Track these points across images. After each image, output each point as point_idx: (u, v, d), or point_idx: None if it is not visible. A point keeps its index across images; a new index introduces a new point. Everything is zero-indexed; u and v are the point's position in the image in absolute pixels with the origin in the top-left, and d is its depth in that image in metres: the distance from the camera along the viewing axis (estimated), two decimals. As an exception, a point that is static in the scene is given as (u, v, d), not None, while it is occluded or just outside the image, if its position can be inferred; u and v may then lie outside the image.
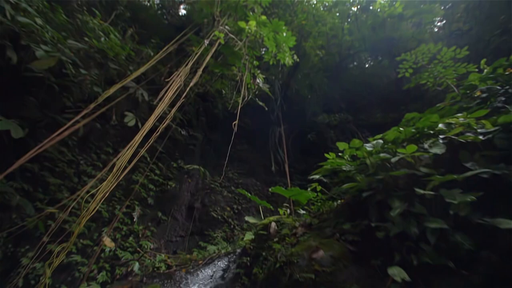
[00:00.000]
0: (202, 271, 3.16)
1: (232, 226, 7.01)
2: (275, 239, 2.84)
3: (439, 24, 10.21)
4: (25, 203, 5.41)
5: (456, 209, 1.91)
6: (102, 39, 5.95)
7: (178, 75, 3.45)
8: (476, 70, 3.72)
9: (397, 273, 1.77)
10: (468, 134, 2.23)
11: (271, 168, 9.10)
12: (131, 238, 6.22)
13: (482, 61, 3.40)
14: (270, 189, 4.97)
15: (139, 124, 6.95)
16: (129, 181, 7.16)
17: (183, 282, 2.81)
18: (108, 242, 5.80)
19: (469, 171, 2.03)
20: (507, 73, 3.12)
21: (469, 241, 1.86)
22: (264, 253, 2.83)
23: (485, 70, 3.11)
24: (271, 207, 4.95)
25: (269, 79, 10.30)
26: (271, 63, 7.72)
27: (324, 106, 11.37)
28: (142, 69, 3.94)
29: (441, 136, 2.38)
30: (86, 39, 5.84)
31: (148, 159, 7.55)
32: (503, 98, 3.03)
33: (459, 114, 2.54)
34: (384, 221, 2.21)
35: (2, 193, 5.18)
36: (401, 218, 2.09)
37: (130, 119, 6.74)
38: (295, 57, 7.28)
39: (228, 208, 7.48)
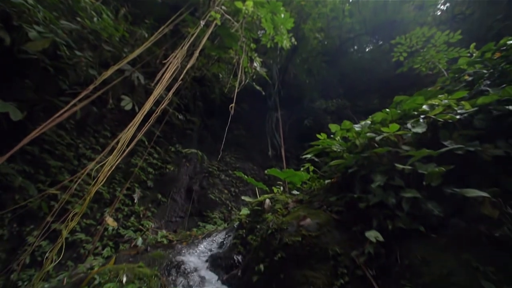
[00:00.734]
0: (202, 242, 3.49)
1: (229, 208, 7.39)
2: (269, 213, 3.13)
3: (442, 7, 10.05)
4: (28, 185, 5.64)
5: (429, 180, 2.17)
6: (95, 19, 5.86)
7: (175, 57, 3.53)
8: (468, 54, 3.85)
9: (373, 235, 2.06)
10: (446, 113, 2.43)
11: (268, 153, 9.36)
12: (132, 218, 6.57)
13: (472, 45, 3.51)
14: (266, 171, 5.24)
15: (136, 108, 7.03)
16: (128, 164, 7.38)
17: (184, 251, 3.12)
18: (110, 221, 6.12)
19: (445, 148, 2.27)
20: (495, 57, 3.27)
21: (439, 208, 2.14)
22: (258, 226, 3.13)
23: (474, 55, 3.24)
24: (267, 189, 5.25)
25: (267, 63, 10.24)
26: (268, 46, 7.67)
27: (322, 92, 11.43)
28: (138, 51, 3.99)
29: (422, 116, 2.59)
30: (78, 19, 5.74)
31: (146, 143, 7.72)
32: (488, 82, 3.22)
33: (440, 96, 2.74)
34: (367, 194, 2.48)
35: (4, 175, 5.38)
36: (381, 190, 2.36)
37: (126, 103, 6.81)
38: (293, 40, 7.25)
39: (226, 191, 7.82)
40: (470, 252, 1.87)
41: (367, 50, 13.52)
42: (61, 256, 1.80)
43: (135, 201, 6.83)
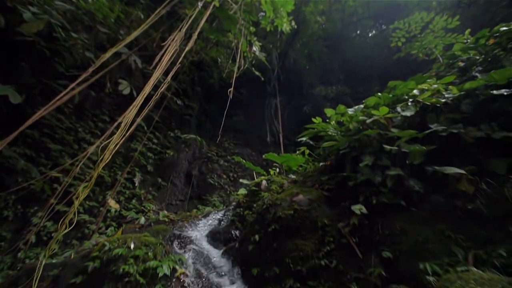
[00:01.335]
0: (202, 220, 3.75)
1: (228, 192, 7.69)
2: (265, 192, 3.36)
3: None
4: (30, 167, 5.84)
5: (412, 159, 2.36)
6: (89, -1, 5.77)
7: (173, 39, 3.57)
8: (465, 41, 3.90)
9: (357, 208, 2.29)
10: (433, 97, 2.58)
11: (267, 139, 9.54)
12: (134, 201, 6.86)
13: (467, 32, 3.55)
14: (264, 156, 5.44)
15: (134, 93, 7.09)
16: (128, 149, 7.57)
17: (185, 227, 3.38)
18: (113, 203, 6.40)
19: (430, 130, 2.44)
20: (489, 44, 3.35)
21: (420, 185, 2.35)
22: (255, 204, 3.37)
23: (468, 41, 3.32)
24: (265, 173, 5.48)
25: (267, 48, 10.12)
26: (268, 29, 7.57)
27: (322, 78, 11.39)
28: (135, 33, 3.99)
29: (410, 99, 2.73)
30: (73, -1, 5.65)
31: (145, 128, 7.86)
32: (480, 68, 3.33)
33: (429, 80, 2.86)
34: (356, 173, 2.68)
35: (6, 158, 5.56)
36: (369, 169, 2.55)
37: (124, 87, 6.85)
38: (293, 23, 7.16)
39: (225, 176, 8.09)
40: (445, 223, 2.10)
41: (370, 35, 13.30)
42: (74, 224, 2.01)
43: (136, 185, 7.09)
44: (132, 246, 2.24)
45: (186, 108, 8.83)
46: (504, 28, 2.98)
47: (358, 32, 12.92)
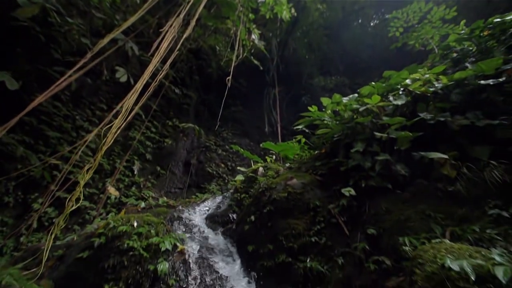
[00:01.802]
0: (200, 205, 3.94)
1: (226, 181, 7.88)
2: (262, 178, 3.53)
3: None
4: (29, 154, 5.95)
5: (400, 145, 2.52)
6: (84, -18, 5.68)
7: (171, 25, 3.60)
8: (462, 32, 3.97)
9: (347, 190, 2.46)
10: (423, 86, 2.70)
11: (265, 129, 9.66)
12: (133, 188, 7.04)
13: (462, 23, 3.61)
14: (261, 145, 5.58)
15: (131, 80, 7.11)
16: (126, 137, 7.66)
17: (184, 211, 3.57)
18: (112, 191, 6.57)
19: (418, 118, 2.59)
20: (484, 35, 3.44)
21: (406, 169, 2.52)
22: (252, 190, 3.55)
23: (463, 32, 3.40)
24: (262, 161, 5.65)
25: (266, 36, 10.04)
26: (268, 17, 7.51)
27: (321, 68, 11.38)
28: (132, 19, 4.00)
29: (401, 89, 2.86)
30: (67, -18, 5.57)
31: (143, 116, 7.92)
32: (473, 59, 3.44)
33: (420, 70, 2.97)
34: (348, 159, 2.84)
35: (5, 145, 5.65)
36: (359, 155, 2.71)
37: (121, 75, 6.86)
38: (293, 11, 7.11)
39: (223, 165, 8.26)
40: (426, 203, 2.28)
41: (371, 24, 13.14)
42: (80, 201, 2.17)
43: (135, 173, 7.25)
44: (135, 224, 2.41)
45: (184, 97, 8.86)
46: (498, 20, 3.07)
47: (360, 21, 12.76)
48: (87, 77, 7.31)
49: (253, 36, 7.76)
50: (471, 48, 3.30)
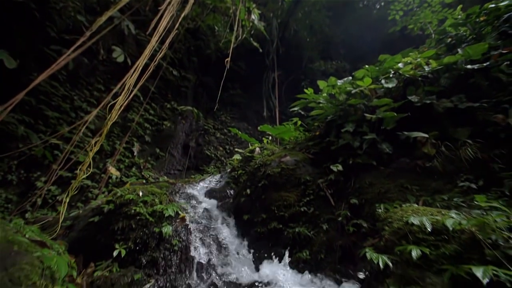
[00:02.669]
0: (200, 183, 4.24)
1: (224, 164, 8.18)
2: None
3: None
4: (30, 133, 6.16)
5: (386, 125, 2.75)
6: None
7: (170, 3, 3.65)
8: (459, 16, 4.04)
9: (335, 166, 2.73)
10: (413, 70, 2.88)
11: (263, 114, 9.82)
12: (134, 169, 7.34)
13: (458, 8, 3.69)
14: (259, 128, 5.80)
15: (128, 61, 7.15)
16: (125, 119, 7.83)
17: (184, 188, 3.86)
18: (113, 171, 6.86)
19: (405, 100, 2.79)
20: (480, 20, 3.55)
21: (391, 148, 2.77)
22: (248, 167, 3.82)
23: (459, 17, 3.49)
24: (259, 143, 5.89)
25: (266, 16, 9.88)
26: (268, -4, 7.39)
27: (322, 52, 11.31)
28: (130, -4, 4.02)
29: (392, 72, 3.03)
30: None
31: (141, 98, 8.03)
32: (467, 45, 3.57)
33: (411, 54, 3.13)
34: (339, 139, 3.08)
35: (5, 124, 5.83)
36: (349, 135, 2.95)
37: (118, 54, 6.90)
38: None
39: (221, 148, 8.52)
40: (405, 178, 2.56)
41: (377, 6, 12.82)
42: (90, 171, 2.42)
43: (134, 154, 7.50)
44: (140, 194, 2.69)
45: (182, 80, 8.91)
46: (492, 6, 3.17)
47: (365, 2, 12.45)
48: (84, 56, 7.33)
49: (252, 16, 7.69)
50: (465, 34, 3.43)
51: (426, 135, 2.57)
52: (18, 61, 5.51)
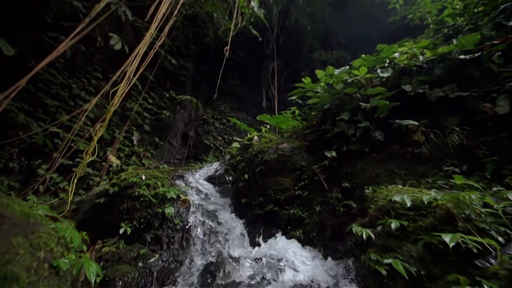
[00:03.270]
0: (199, 171, 4.41)
1: (223, 153, 8.35)
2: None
3: None
4: (30, 121, 6.27)
5: (379, 113, 2.89)
6: None
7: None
8: (457, 6, 4.08)
9: (329, 152, 2.89)
10: (410, 60, 2.99)
11: (262, 104, 9.89)
12: (134, 157, 7.50)
13: None
14: (258, 117, 5.92)
15: (126, 48, 7.15)
16: (123, 108, 7.91)
17: (185, 174, 4.03)
18: (114, 159, 7.02)
19: (399, 89, 2.92)
20: (477, 10, 3.61)
21: (383, 135, 2.92)
22: (247, 154, 3.98)
23: (457, 7, 3.54)
24: (258, 133, 6.03)
25: (267, 3, 9.75)
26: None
27: (323, 41, 11.24)
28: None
29: (387, 61, 3.14)
30: None
31: (140, 87, 8.08)
32: (463, 35, 3.66)
33: (407, 44, 3.22)
34: (334, 127, 3.22)
35: (5, 111, 5.92)
36: (344, 123, 3.09)
37: (115, 42, 6.90)
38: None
39: (220, 138, 8.67)
40: (395, 163, 2.73)
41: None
42: (95, 154, 2.57)
43: (134, 143, 7.64)
44: (143, 177, 2.86)
45: (180, 69, 8.92)
46: (489, -5, 3.23)
47: (368, -11, 12.20)
48: (81, 44, 7.31)
49: (252, 3, 7.62)
50: (462, 24, 3.50)
51: (417, 123, 2.72)
52: (16, 48, 5.54)
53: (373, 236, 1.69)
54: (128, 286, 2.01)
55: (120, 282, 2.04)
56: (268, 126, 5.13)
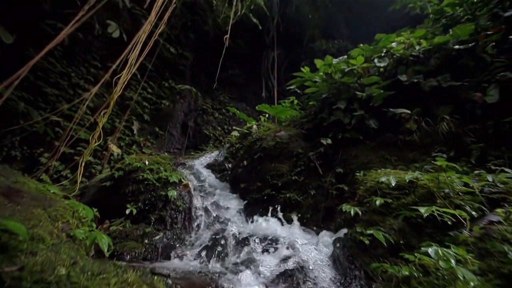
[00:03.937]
0: (199, 159, 4.59)
1: (223, 143, 8.52)
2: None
3: None
4: (30, 110, 6.39)
5: (374, 102, 3.03)
6: None
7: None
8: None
9: (325, 139, 3.05)
10: (403, 49, 3.10)
11: (262, 94, 9.97)
12: (134, 146, 7.68)
13: None
14: (257, 107, 6.04)
15: (124, 36, 7.18)
16: (123, 97, 8.00)
17: (186, 161, 4.21)
18: (115, 148, 7.19)
19: (394, 78, 3.04)
20: (476, 0, 3.67)
21: (377, 123, 3.08)
22: (246, 142, 4.14)
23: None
24: (257, 122, 6.17)
25: (267, -9, 9.64)
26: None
27: (324, 31, 11.17)
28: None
29: (384, 51, 3.24)
30: None
31: (139, 76, 8.14)
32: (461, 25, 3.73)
33: (403, 33, 3.31)
34: (331, 116, 3.37)
35: (6, 100, 6.02)
36: (341, 112, 3.24)
37: (113, 29, 6.92)
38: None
39: (219, 128, 8.81)
40: (386, 150, 2.90)
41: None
42: (101, 139, 2.72)
43: (134, 132, 7.79)
44: (147, 162, 3.03)
45: (179, 58, 8.94)
46: (487, -15, 3.29)
47: (372, -24, 11.98)
48: (79, 32, 7.32)
49: (252, -10, 7.57)
50: (461, 14, 3.58)
51: (410, 112, 2.86)
52: (14, 36, 5.59)
53: (360, 213, 1.88)
54: (135, 259, 2.22)
55: (128, 256, 2.24)
56: (267, 116, 5.27)
